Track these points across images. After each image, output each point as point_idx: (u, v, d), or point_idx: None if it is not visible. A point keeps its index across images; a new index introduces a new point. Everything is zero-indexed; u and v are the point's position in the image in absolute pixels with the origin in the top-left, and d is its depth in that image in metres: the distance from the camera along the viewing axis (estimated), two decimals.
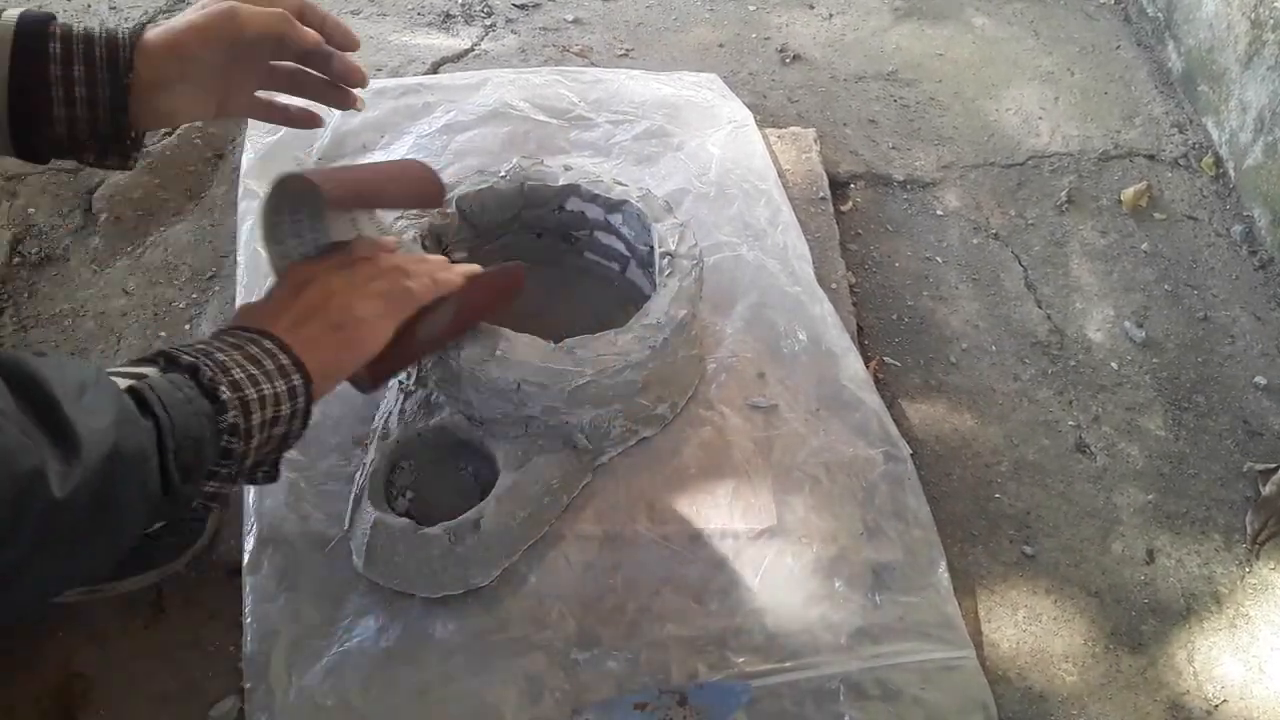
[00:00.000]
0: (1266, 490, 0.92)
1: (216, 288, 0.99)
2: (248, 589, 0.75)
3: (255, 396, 0.56)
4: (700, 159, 1.10)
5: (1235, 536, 0.90)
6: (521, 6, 1.38)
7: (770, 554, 0.80)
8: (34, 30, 0.60)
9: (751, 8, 1.42)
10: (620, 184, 0.90)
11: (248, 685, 0.71)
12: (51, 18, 0.61)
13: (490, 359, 0.74)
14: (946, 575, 0.81)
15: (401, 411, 0.82)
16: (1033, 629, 0.82)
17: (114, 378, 0.51)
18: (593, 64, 1.28)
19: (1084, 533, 0.89)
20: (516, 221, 0.93)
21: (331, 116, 1.10)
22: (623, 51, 1.32)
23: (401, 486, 0.80)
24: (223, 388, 0.54)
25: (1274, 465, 0.94)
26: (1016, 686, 0.79)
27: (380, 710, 0.70)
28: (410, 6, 1.36)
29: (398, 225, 0.87)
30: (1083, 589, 0.85)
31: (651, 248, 0.86)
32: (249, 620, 0.73)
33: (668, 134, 1.12)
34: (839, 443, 0.87)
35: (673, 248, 0.84)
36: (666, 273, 0.83)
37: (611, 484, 0.83)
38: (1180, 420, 0.98)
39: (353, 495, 0.78)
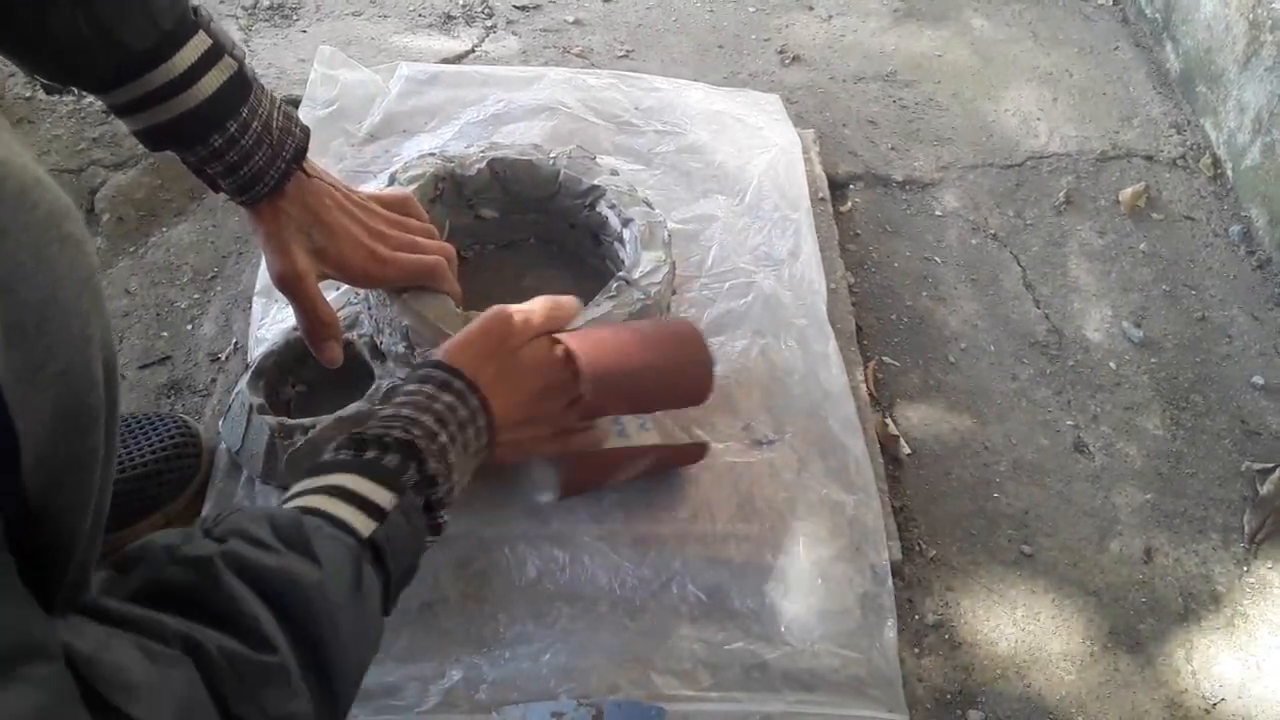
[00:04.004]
0: (1264, 489, 0.92)
1: (218, 288, 0.99)
2: None
3: (458, 490, 0.59)
4: (739, 180, 1.08)
5: (1233, 536, 0.90)
6: (522, 8, 1.38)
7: (716, 583, 0.79)
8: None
9: (751, 9, 1.42)
10: (645, 203, 0.91)
11: None
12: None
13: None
14: (894, 635, 0.78)
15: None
16: (1031, 628, 0.83)
17: (357, 510, 0.51)
18: (592, 65, 1.28)
19: (1082, 532, 0.89)
20: (552, 204, 0.94)
21: (387, 96, 1.13)
22: (623, 53, 1.32)
23: (298, 379, 0.85)
24: (445, 514, 0.57)
25: (1271, 465, 0.94)
26: (1015, 685, 0.79)
27: None
28: (411, 8, 1.36)
29: (410, 175, 0.88)
30: (1081, 588, 0.85)
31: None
32: None
33: (711, 151, 1.11)
34: (813, 482, 0.85)
35: (635, 277, 0.83)
36: (609, 294, 0.82)
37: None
38: (1178, 420, 0.99)
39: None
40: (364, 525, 0.50)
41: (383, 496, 0.52)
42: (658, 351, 0.74)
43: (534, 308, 0.69)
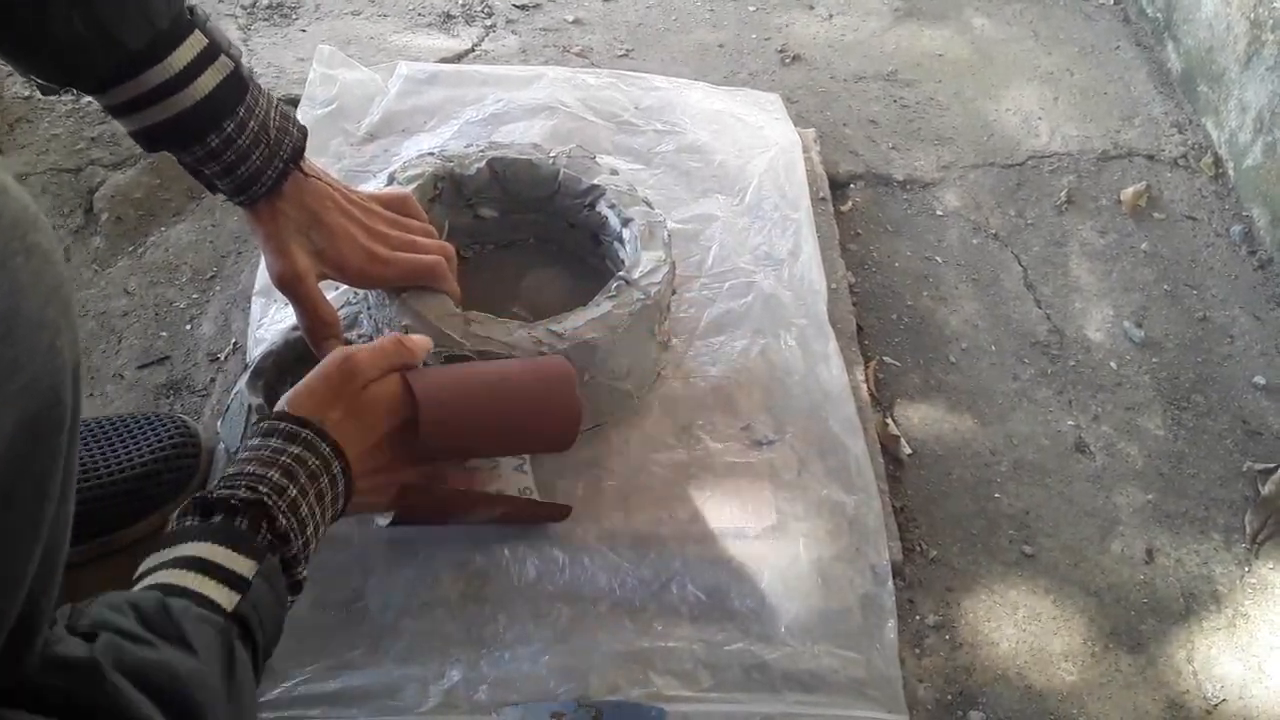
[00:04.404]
0: (1265, 490, 0.92)
1: (217, 288, 0.99)
2: None
3: (315, 543, 0.58)
4: (739, 180, 1.08)
5: (1234, 536, 0.90)
6: (522, 7, 1.38)
7: (715, 583, 0.78)
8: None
9: (751, 8, 1.42)
10: (645, 203, 0.90)
11: None
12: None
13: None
14: (894, 636, 0.77)
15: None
16: (1032, 628, 0.82)
17: (219, 584, 0.49)
18: (592, 64, 1.28)
19: (1083, 532, 0.89)
20: (551, 204, 0.94)
21: (386, 95, 1.13)
22: (623, 52, 1.32)
23: (297, 379, 0.84)
24: (302, 570, 0.56)
25: (1273, 465, 0.94)
26: (1016, 686, 0.79)
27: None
28: (410, 7, 1.36)
29: (409, 175, 0.88)
30: (1082, 588, 0.85)
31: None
32: None
33: (712, 150, 1.11)
34: (813, 482, 0.85)
35: (635, 276, 0.83)
36: (609, 294, 0.81)
37: (571, 485, 0.82)
38: (1179, 420, 0.98)
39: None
40: (227, 599, 0.49)
41: (242, 565, 0.51)
42: (516, 391, 0.70)
43: (380, 345, 0.67)
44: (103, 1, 0.57)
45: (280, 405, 0.61)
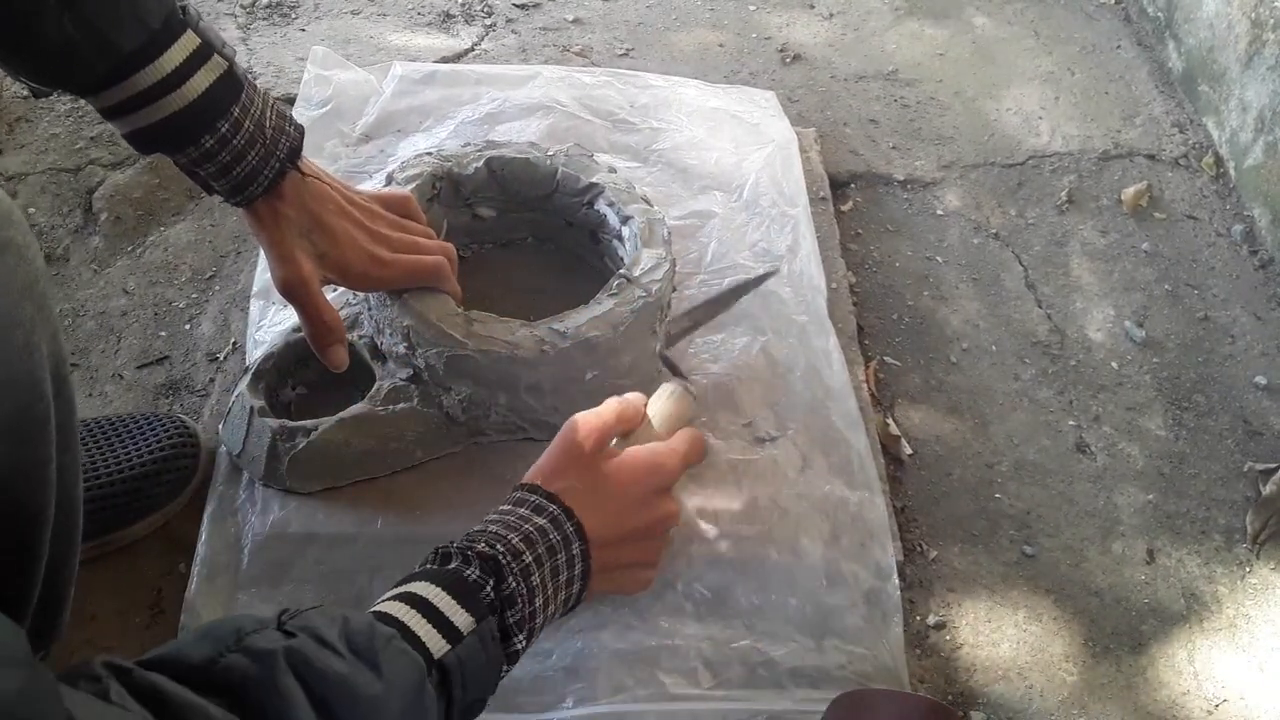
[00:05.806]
0: (1267, 490, 0.92)
1: (217, 287, 0.99)
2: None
3: (542, 620, 0.58)
4: (736, 177, 1.08)
5: (1236, 536, 0.90)
6: (521, 6, 1.38)
7: (721, 581, 0.78)
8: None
9: (752, 8, 1.42)
10: (644, 200, 0.90)
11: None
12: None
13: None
14: (900, 631, 0.77)
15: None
16: (1033, 629, 0.82)
17: (433, 628, 0.49)
18: (593, 64, 1.28)
19: (1084, 533, 0.89)
20: (550, 202, 0.94)
21: (381, 95, 1.13)
22: (623, 51, 1.32)
23: (298, 381, 0.85)
24: (521, 641, 0.55)
25: (1274, 465, 0.94)
26: (1017, 686, 0.79)
27: None
28: (410, 6, 1.36)
29: (407, 175, 0.87)
30: (1083, 589, 0.85)
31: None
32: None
33: (708, 147, 1.10)
34: (816, 478, 0.84)
35: (636, 274, 0.83)
36: (610, 292, 0.81)
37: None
38: (1180, 420, 0.98)
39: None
40: (436, 645, 0.49)
41: (460, 618, 0.51)
42: None
43: (603, 412, 0.69)
44: (95, 2, 0.56)
45: (531, 477, 0.64)
